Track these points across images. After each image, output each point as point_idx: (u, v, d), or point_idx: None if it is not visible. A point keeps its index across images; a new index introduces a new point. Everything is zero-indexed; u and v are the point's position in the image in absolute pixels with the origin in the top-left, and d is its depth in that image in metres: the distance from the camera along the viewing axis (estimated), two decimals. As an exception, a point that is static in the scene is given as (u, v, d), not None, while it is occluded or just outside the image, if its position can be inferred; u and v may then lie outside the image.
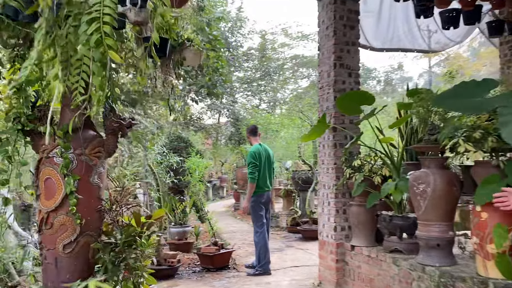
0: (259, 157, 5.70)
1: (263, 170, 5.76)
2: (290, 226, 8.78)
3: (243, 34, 24.23)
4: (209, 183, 20.23)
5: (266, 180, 5.83)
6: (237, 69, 24.18)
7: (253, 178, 5.63)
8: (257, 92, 25.23)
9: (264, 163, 5.77)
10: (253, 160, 5.64)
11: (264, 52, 27.44)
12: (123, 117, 3.99)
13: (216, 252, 5.89)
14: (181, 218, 7.04)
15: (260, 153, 5.76)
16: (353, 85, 5.01)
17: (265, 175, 5.80)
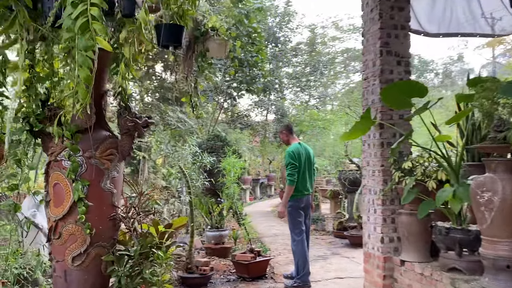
0: (299, 157, 5.16)
1: (303, 171, 5.21)
2: (336, 230, 8.17)
3: (292, 29, 23.65)
4: (256, 181, 19.90)
5: (306, 183, 5.28)
6: (285, 65, 23.64)
7: (292, 180, 5.09)
8: (306, 88, 24.53)
9: (304, 164, 5.23)
10: (291, 161, 5.10)
11: (314, 47, 26.70)
12: (139, 115, 3.63)
13: (252, 261, 5.44)
14: (217, 221, 6.66)
15: (300, 153, 5.22)
16: (403, 75, 4.35)
17: (305, 177, 5.25)
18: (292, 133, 5.44)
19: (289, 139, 5.39)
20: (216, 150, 7.02)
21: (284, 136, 5.44)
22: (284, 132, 5.45)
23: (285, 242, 7.85)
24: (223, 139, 7.22)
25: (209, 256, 6.58)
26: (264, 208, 15.14)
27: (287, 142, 5.44)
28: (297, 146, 5.28)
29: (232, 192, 5.89)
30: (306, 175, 5.26)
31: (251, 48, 7.27)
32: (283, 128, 5.52)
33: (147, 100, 12.67)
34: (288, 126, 5.53)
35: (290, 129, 5.49)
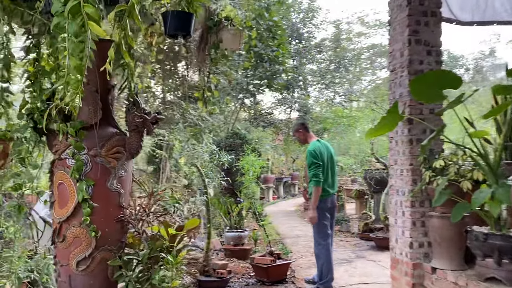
0: (321, 155, 4.85)
1: (327, 170, 4.91)
2: (362, 232, 7.81)
3: (316, 25, 23.22)
4: (279, 180, 19.60)
5: (331, 182, 5.00)
6: (309, 61, 23.25)
7: (318, 180, 4.76)
8: (331, 85, 24.05)
9: (327, 162, 4.93)
10: (314, 160, 4.78)
11: (339, 43, 26.19)
12: (148, 111, 3.42)
13: (271, 264, 5.18)
14: (236, 222, 6.43)
15: (321, 151, 4.91)
16: (433, 65, 4.01)
17: (329, 176, 4.95)
18: (308, 131, 5.12)
19: (306, 138, 5.08)
20: (235, 148, 6.78)
21: (301, 135, 5.10)
22: (300, 130, 5.10)
23: (308, 244, 7.55)
24: (242, 137, 6.97)
25: (228, 258, 6.36)
26: (287, 208, 14.84)
27: (304, 141, 5.13)
28: (317, 144, 4.98)
29: (251, 192, 5.64)
30: (329, 174, 4.96)
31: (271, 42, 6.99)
32: (298, 126, 5.15)
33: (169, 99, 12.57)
34: (303, 123, 5.20)
35: (306, 127, 5.17)
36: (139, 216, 3.37)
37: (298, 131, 5.10)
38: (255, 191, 5.71)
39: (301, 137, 5.11)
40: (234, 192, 6.59)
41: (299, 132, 5.09)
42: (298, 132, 5.10)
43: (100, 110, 3.24)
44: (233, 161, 6.44)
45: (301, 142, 5.22)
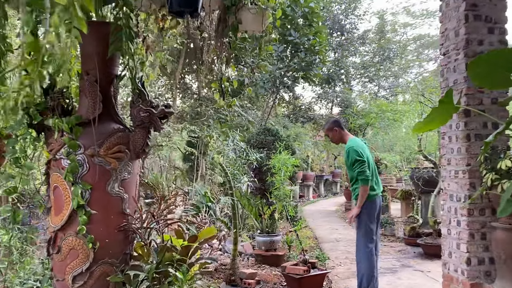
0: (363, 152, 4.28)
1: (370, 168, 4.35)
2: (408, 237, 7.10)
3: (358, 16, 22.26)
4: (320, 178, 18.92)
5: (377, 180, 4.44)
6: (352, 54, 22.36)
7: (366, 178, 4.18)
8: (375, 78, 23.01)
9: (369, 160, 4.36)
10: (358, 157, 4.20)
11: (383, 34, 25.05)
12: (155, 104, 2.98)
13: (305, 274, 4.65)
14: (268, 225, 5.94)
15: (363, 148, 4.35)
16: (497, 45, 3.34)
17: (373, 174, 4.38)
18: (343, 128, 4.51)
19: (342, 136, 4.48)
20: (266, 145, 6.28)
21: (335, 134, 4.47)
22: (335, 128, 4.46)
23: (348, 249, 6.95)
24: (275, 133, 6.45)
25: (259, 264, 5.89)
26: (328, 207, 14.18)
27: (339, 140, 4.52)
28: (357, 142, 4.41)
29: (282, 194, 5.13)
30: (374, 172, 4.39)
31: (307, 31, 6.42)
32: (332, 124, 4.50)
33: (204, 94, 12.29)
34: (337, 121, 4.59)
35: (340, 124, 4.56)
36: (146, 224, 2.96)
37: (332, 130, 4.49)
38: (287, 192, 5.19)
39: (335, 136, 4.50)
40: (265, 192, 6.10)
41: (334, 131, 4.48)
42: (333, 131, 4.49)
43: (100, 103, 2.84)
44: (264, 159, 5.95)
45: (335, 141, 4.60)
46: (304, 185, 17.19)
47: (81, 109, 2.89)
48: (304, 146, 16.35)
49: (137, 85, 2.91)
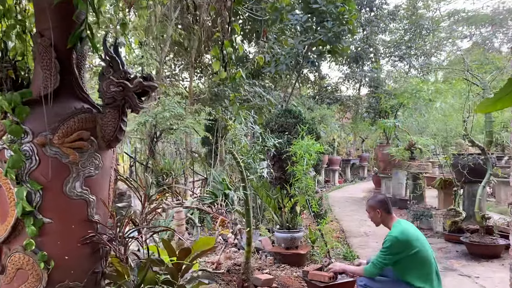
0: (408, 242, 3.25)
1: (424, 262, 3.30)
2: (449, 232, 6.24)
3: (389, -11, 20.91)
4: (346, 162, 18.02)
5: (438, 281, 3.38)
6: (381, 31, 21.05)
7: (373, 271, 3.41)
8: (406, 57, 21.67)
9: (424, 248, 3.38)
10: (390, 250, 3.27)
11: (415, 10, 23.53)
12: (132, 76, 2.25)
13: (330, 282, 3.92)
14: (289, 220, 5.21)
15: (409, 236, 3.29)
16: None
17: (430, 270, 3.33)
18: (389, 211, 3.48)
19: (385, 220, 3.54)
20: (287, 128, 5.50)
21: (377, 216, 3.47)
22: (378, 210, 3.45)
23: (379, 246, 6.15)
24: (297, 115, 5.65)
25: (278, 264, 5.18)
26: (355, 194, 13.34)
27: (381, 223, 3.57)
28: (403, 228, 3.36)
29: (304, 186, 4.37)
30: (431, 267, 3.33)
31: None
32: (377, 204, 3.49)
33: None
34: (383, 201, 3.54)
35: (385, 206, 3.50)
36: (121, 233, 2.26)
37: (374, 210, 3.52)
38: (311, 184, 4.43)
39: (375, 218, 3.55)
40: (286, 182, 5.35)
41: (376, 213, 3.51)
42: (374, 212, 3.52)
43: (57, 74, 2.13)
44: (284, 144, 5.19)
45: (375, 223, 3.65)
46: (330, 169, 16.37)
47: (35, 83, 2.20)
48: (330, 129, 15.46)
49: (107, 50, 2.18)
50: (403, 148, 9.39)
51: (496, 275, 4.74)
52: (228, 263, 4.97)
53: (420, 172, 8.56)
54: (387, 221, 3.52)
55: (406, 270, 3.37)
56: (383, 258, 3.35)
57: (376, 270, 3.42)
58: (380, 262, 3.37)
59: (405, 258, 3.33)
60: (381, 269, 3.41)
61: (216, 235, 6.22)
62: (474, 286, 4.43)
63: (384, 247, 3.34)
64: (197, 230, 5.83)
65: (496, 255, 5.38)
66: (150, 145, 7.54)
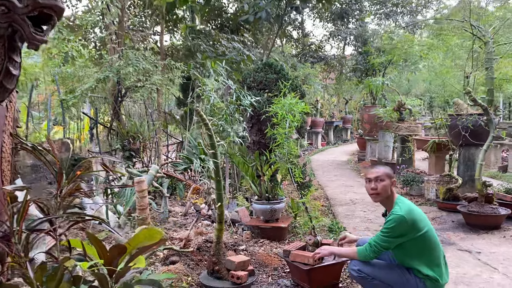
0: (415, 223, 2.67)
1: (433, 245, 2.73)
2: (443, 200, 5.73)
3: None
4: (330, 124, 17.46)
5: (446, 268, 2.81)
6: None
7: (371, 254, 2.80)
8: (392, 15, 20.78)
9: (431, 230, 2.76)
10: (394, 231, 2.68)
11: (402, -36, 22.46)
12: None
13: (316, 264, 3.33)
14: (268, 190, 4.58)
15: (416, 215, 2.69)
16: None
17: (439, 254, 2.77)
18: None
19: (392, 193, 2.87)
20: (267, 85, 4.76)
21: (388, 188, 2.82)
22: (394, 180, 2.88)
23: (367, 216, 5.62)
24: (278, 69, 4.88)
25: (256, 239, 4.59)
26: (338, 157, 12.84)
27: (386, 198, 2.85)
28: (410, 206, 2.74)
29: (287, 153, 3.68)
30: (440, 254, 2.79)
31: None
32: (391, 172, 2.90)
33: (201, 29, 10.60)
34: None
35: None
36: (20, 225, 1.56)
37: (391, 179, 2.84)
38: (294, 151, 3.75)
39: (387, 190, 2.83)
40: (265, 148, 4.67)
41: (391, 183, 2.84)
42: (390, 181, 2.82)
43: None
44: (264, 104, 4.47)
45: (382, 195, 2.89)
46: (313, 132, 15.81)
47: None
48: (313, 90, 14.74)
49: None
50: (392, 109, 8.78)
51: (500, 250, 4.25)
52: (199, 240, 4.35)
53: (410, 134, 7.99)
54: (392, 195, 2.89)
55: (411, 255, 2.78)
56: (384, 240, 2.74)
57: (373, 254, 2.82)
58: (379, 245, 2.77)
59: (410, 241, 2.73)
60: (379, 252, 2.81)
61: (187, 206, 5.58)
62: (477, 264, 3.91)
63: (387, 227, 2.72)
64: (166, 201, 5.16)
65: (497, 226, 4.89)
66: (114, 105, 6.72)
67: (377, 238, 2.77)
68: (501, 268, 3.77)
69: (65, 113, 6.10)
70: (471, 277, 3.61)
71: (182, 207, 5.85)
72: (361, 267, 2.91)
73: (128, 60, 6.06)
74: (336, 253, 3.18)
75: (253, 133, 4.96)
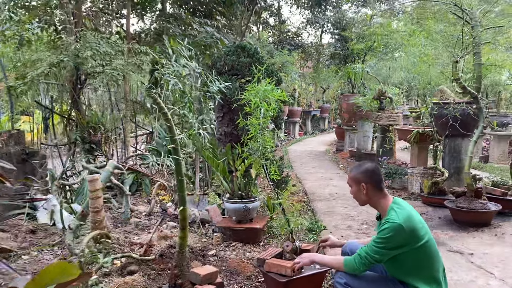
0: (414, 232, 2.23)
1: (432, 257, 2.32)
2: (428, 194, 5.39)
3: None
4: (307, 113, 17.08)
5: (441, 281, 2.36)
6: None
7: (359, 267, 2.37)
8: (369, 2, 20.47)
9: (431, 238, 2.34)
10: (390, 242, 2.24)
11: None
12: None
13: (294, 276, 2.89)
14: (242, 188, 4.11)
15: (415, 222, 2.26)
16: None
17: (438, 267, 2.36)
18: (381, 188, 2.41)
19: (373, 199, 2.43)
20: (240, 70, 4.25)
21: (361, 193, 2.43)
22: (363, 184, 2.40)
23: (349, 212, 5.22)
24: (252, 53, 4.37)
25: (228, 242, 4.13)
26: (316, 147, 12.47)
27: (367, 202, 2.45)
28: (407, 212, 2.28)
29: (261, 146, 3.19)
30: (440, 265, 2.38)
31: None
32: (360, 174, 2.43)
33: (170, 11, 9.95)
34: (372, 171, 2.42)
35: (376, 179, 2.42)
36: None
37: (358, 184, 2.41)
38: (269, 143, 3.27)
39: (361, 196, 2.45)
40: (237, 141, 4.17)
41: (361, 188, 2.41)
42: (358, 186, 2.42)
43: None
44: (236, 91, 3.97)
45: (360, 201, 2.47)
46: (290, 121, 15.39)
47: None
48: (290, 78, 14.28)
49: None
50: (371, 97, 8.41)
51: (494, 251, 3.90)
52: (162, 245, 3.85)
53: (391, 124, 7.64)
54: (378, 201, 2.45)
55: (407, 269, 2.36)
56: (377, 251, 2.30)
57: (362, 267, 2.39)
58: (370, 257, 2.33)
59: (407, 253, 2.30)
60: (369, 266, 2.38)
61: (152, 205, 5.06)
62: (470, 268, 3.55)
63: (382, 237, 2.28)
64: (127, 200, 4.63)
65: (487, 223, 4.57)
66: (73, 93, 6.09)
67: (369, 249, 2.34)
68: (497, 273, 3.42)
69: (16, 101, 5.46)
70: (466, 283, 3.25)
71: (147, 205, 5.32)
72: (349, 280, 2.48)
73: (87, 43, 5.44)
74: (318, 262, 2.74)
75: (224, 123, 4.46)
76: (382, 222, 2.35)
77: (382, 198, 2.45)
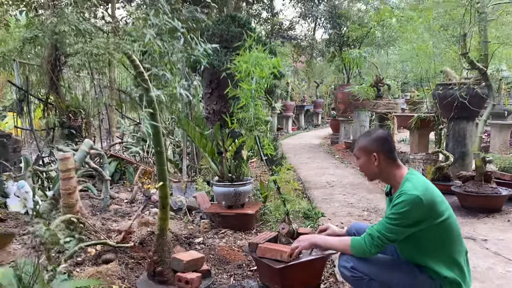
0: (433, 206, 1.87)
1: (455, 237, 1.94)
2: (432, 180, 5.04)
3: None
4: (300, 108, 16.74)
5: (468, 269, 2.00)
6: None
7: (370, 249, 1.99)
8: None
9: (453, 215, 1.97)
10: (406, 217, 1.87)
11: None
12: None
13: (291, 261, 2.52)
14: (232, 170, 3.73)
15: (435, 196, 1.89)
16: None
17: (461, 248, 1.98)
18: (394, 158, 2.06)
19: (385, 171, 2.08)
20: (230, 41, 3.89)
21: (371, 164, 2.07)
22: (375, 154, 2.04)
23: (347, 199, 4.86)
24: (243, 23, 4.00)
25: (217, 229, 3.75)
26: (311, 141, 12.12)
27: (379, 176, 2.12)
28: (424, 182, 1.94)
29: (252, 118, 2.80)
30: (461, 248, 1.99)
31: None
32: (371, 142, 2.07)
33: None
34: (384, 139, 2.07)
35: (388, 148, 2.07)
36: None
37: (369, 154, 2.06)
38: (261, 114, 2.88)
39: (371, 167, 2.09)
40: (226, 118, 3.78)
41: (372, 158, 2.05)
42: (368, 157, 2.07)
43: None
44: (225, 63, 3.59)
45: (370, 175, 2.15)
46: (283, 116, 15.02)
47: None
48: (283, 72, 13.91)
49: None
50: (368, 85, 8.07)
51: (508, 236, 3.57)
52: (143, 232, 3.45)
53: (389, 112, 7.30)
54: (391, 172, 2.08)
55: (424, 250, 1.98)
56: (392, 229, 1.93)
57: (374, 249, 2.01)
58: (384, 236, 1.95)
59: (424, 231, 1.93)
60: (383, 247, 2.00)
61: (134, 191, 4.66)
62: (486, 254, 3.20)
63: (396, 212, 1.91)
64: (107, 186, 4.22)
65: (498, 208, 4.23)
66: (51, 74, 5.66)
67: (381, 227, 1.96)
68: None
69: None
70: (484, 271, 2.89)
71: (131, 193, 4.92)
72: (356, 264, 2.10)
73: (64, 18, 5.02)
74: (320, 244, 2.35)
75: (213, 100, 4.07)
76: (396, 195, 1.98)
77: (396, 169, 2.08)
